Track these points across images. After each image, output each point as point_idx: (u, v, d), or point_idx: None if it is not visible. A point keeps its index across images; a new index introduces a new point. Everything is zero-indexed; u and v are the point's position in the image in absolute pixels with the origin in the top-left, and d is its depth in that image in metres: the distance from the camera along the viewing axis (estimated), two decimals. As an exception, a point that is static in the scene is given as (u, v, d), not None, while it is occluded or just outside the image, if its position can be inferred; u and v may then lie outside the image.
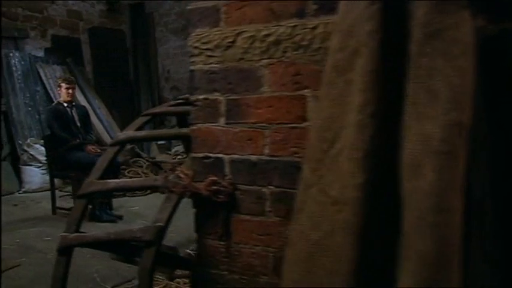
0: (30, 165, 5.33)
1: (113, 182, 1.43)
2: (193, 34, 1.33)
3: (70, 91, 4.38)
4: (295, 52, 1.18)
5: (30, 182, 5.31)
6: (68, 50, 6.48)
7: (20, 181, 5.36)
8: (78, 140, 4.27)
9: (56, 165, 4.27)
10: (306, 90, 1.18)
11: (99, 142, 5.53)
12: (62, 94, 4.41)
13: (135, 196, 4.93)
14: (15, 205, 4.70)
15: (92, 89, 6.59)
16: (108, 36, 7.16)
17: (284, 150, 1.21)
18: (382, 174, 0.78)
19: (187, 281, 2.54)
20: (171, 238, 2.36)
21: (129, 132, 1.51)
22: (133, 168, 5.54)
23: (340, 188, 0.81)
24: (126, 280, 2.77)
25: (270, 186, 1.24)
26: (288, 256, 0.93)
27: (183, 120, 1.79)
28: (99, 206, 4.03)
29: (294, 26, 1.18)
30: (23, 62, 5.85)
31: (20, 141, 5.48)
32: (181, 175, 1.31)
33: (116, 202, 4.37)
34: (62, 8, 6.57)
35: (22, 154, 5.39)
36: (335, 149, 0.85)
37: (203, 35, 1.31)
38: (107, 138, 6.27)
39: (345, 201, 0.79)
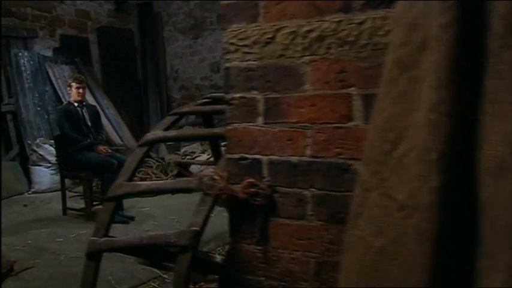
0: (40, 165, 5.29)
1: (143, 184, 1.38)
2: (229, 30, 1.27)
3: (81, 91, 4.34)
4: (340, 48, 1.13)
5: (39, 183, 5.27)
6: (76, 49, 6.46)
7: (29, 181, 5.33)
8: (88, 140, 4.22)
9: (66, 166, 4.23)
10: (351, 89, 1.12)
11: (108, 142, 5.49)
12: (72, 94, 4.36)
13: (145, 197, 4.88)
14: (25, 205, 4.67)
15: (100, 89, 6.56)
16: (116, 35, 7.13)
17: (327, 151, 1.16)
18: (456, 176, 0.73)
19: (202, 283, 2.49)
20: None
21: (158, 132, 1.46)
22: (143, 169, 5.48)
23: (409, 192, 0.75)
24: (141, 282, 2.73)
25: (311, 189, 1.19)
26: (345, 263, 0.87)
27: (209, 119, 1.74)
28: (110, 206, 3.98)
29: (339, 21, 1.12)
30: (31, 62, 5.82)
31: (29, 141, 5.45)
32: (216, 177, 1.26)
33: (126, 203, 4.32)
34: (70, 8, 6.54)
35: (31, 154, 5.36)
36: (400, 150, 0.80)
37: (240, 31, 1.25)
38: (116, 138, 6.24)
39: (416, 206, 0.74)
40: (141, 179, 5.12)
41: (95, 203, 4.27)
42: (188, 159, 5.94)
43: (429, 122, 0.74)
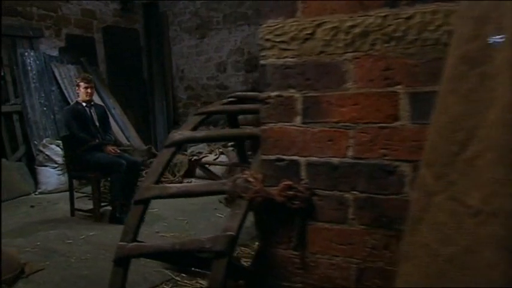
0: (46, 165, 5.23)
1: (173, 187, 1.32)
2: (265, 25, 1.22)
3: (89, 90, 4.28)
4: (386, 45, 1.08)
5: (46, 183, 5.21)
6: (82, 49, 6.40)
7: (36, 182, 5.26)
8: (97, 140, 4.17)
9: (74, 166, 4.18)
10: (398, 87, 1.07)
11: (116, 142, 5.43)
12: (80, 94, 4.30)
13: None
14: (32, 206, 4.61)
15: (106, 89, 6.50)
16: (122, 35, 7.07)
17: (371, 152, 1.11)
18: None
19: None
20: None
21: (186, 133, 1.41)
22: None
23: (483, 197, 0.70)
24: (154, 285, 2.68)
25: (353, 192, 1.14)
26: (405, 271, 0.82)
27: (234, 119, 1.69)
28: (119, 208, 3.93)
29: (385, 16, 1.07)
30: (37, 62, 5.76)
31: (35, 142, 5.39)
32: (251, 179, 1.20)
33: (135, 204, 4.26)
34: (76, 7, 6.49)
35: (37, 155, 5.29)
36: (470, 152, 0.74)
37: (276, 27, 1.20)
38: (122, 138, 6.19)
39: (492, 212, 0.68)
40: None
41: (102, 204, 4.21)
42: (195, 159, 5.88)
43: (506, 122, 0.68)
